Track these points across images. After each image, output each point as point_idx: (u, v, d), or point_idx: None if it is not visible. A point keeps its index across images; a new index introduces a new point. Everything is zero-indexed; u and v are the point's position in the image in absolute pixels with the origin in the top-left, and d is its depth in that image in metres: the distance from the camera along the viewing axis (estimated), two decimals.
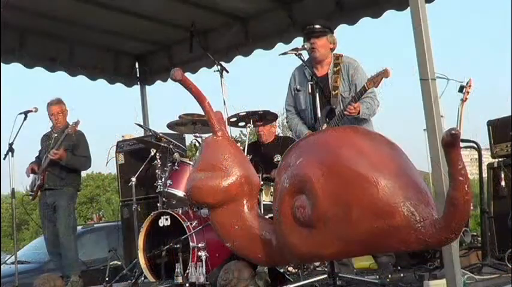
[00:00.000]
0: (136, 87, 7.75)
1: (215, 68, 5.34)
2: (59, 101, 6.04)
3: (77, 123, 5.83)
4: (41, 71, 6.79)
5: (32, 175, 5.99)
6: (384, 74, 4.02)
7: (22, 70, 6.56)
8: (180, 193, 4.95)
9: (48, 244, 5.99)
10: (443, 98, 3.85)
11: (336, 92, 4.38)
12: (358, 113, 4.19)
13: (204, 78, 6.74)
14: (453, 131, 2.15)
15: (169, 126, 5.31)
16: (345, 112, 4.22)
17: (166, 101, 42.71)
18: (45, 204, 5.91)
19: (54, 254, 5.96)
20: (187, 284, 4.34)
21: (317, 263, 4.22)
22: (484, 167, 4.91)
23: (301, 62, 4.23)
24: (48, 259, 6.90)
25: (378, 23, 5.84)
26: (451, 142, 2.17)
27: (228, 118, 4.62)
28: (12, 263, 6.54)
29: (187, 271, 4.43)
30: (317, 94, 4.05)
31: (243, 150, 4.70)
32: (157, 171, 5.22)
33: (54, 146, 5.81)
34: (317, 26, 4.40)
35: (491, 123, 5.02)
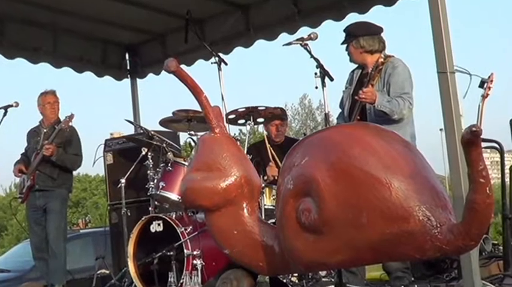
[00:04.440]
0: (127, 81, 7.75)
1: (213, 60, 5.35)
2: (54, 92, 6.08)
3: (70, 117, 5.81)
4: (22, 62, 6.79)
5: (20, 175, 5.96)
6: None
7: (1, 61, 6.55)
8: (173, 195, 4.95)
9: (34, 249, 5.99)
10: (461, 94, 3.85)
11: None
12: (374, 101, 4.23)
13: (200, 71, 6.75)
14: (474, 128, 2.14)
15: (162, 123, 5.32)
16: (355, 97, 4.30)
17: (159, 96, 42.91)
18: (34, 206, 5.91)
19: (40, 260, 5.96)
20: None
21: (323, 273, 4.22)
22: (507, 171, 4.88)
23: (306, 52, 4.27)
24: (31, 267, 6.91)
25: (390, 11, 5.83)
26: (472, 140, 2.16)
27: (226, 115, 4.63)
28: None
29: (181, 281, 4.44)
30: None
31: (257, 150, 4.73)
32: (148, 172, 5.22)
33: (44, 143, 5.79)
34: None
35: None
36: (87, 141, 6.14)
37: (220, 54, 5.49)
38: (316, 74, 4.28)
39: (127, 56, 7.67)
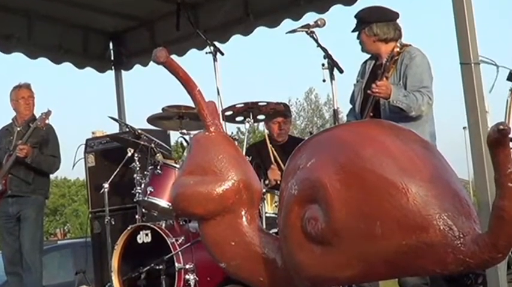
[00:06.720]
0: (111, 73, 7.77)
1: (207, 49, 5.35)
2: (29, 86, 6.08)
3: (47, 114, 5.82)
4: None
5: None
6: None
7: None
8: (163, 202, 4.96)
9: (7, 262, 6.01)
10: (487, 88, 3.86)
11: None
12: (388, 96, 4.24)
13: (193, 62, 6.75)
14: (501, 126, 2.14)
15: (151, 120, 5.33)
16: (368, 91, 4.32)
17: (147, 90, 42.96)
18: (6, 214, 5.92)
19: (13, 275, 5.97)
20: None
21: None
22: None
23: (313, 41, 4.28)
24: (3, 283, 6.91)
25: None
26: (499, 140, 2.16)
27: (223, 111, 4.64)
28: None
29: None
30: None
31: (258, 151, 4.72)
32: (135, 176, 5.24)
33: (17, 144, 5.79)
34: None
35: None
36: (66, 141, 6.16)
37: (216, 43, 5.50)
38: (323, 65, 4.29)
39: (111, 45, 7.69)
